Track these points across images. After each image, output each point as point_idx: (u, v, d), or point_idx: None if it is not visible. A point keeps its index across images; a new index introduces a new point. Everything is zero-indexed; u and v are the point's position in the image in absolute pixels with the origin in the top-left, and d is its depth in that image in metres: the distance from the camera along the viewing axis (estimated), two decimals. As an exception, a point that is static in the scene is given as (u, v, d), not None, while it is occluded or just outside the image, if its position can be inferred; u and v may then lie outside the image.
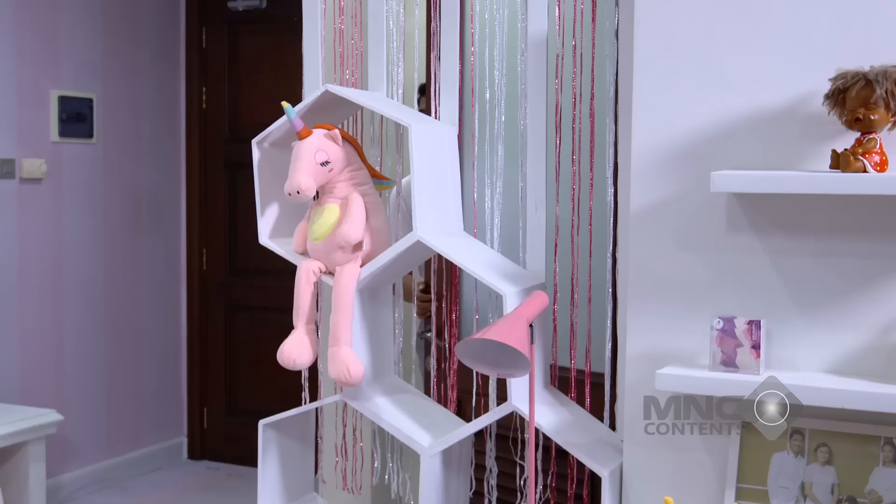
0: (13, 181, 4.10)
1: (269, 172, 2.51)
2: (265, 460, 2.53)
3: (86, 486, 4.43)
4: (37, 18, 4.20)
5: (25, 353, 4.19)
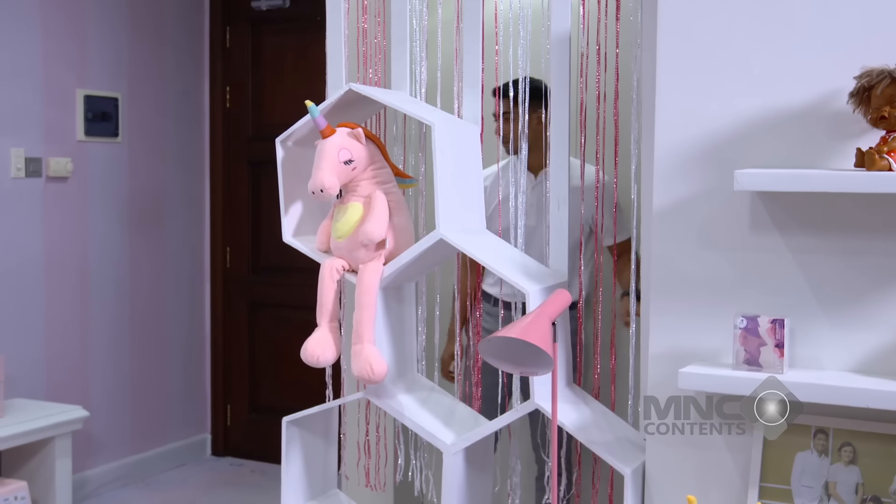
0: (40, 179, 4.15)
1: (292, 171, 2.53)
2: (289, 457, 2.55)
3: (111, 481, 4.46)
4: (63, 19, 4.24)
5: (52, 350, 4.23)
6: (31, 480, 3.75)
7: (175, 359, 4.87)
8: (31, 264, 4.14)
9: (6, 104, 3.99)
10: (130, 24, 4.55)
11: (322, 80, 2.87)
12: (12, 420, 3.70)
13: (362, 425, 2.99)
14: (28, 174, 4.10)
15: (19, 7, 4.04)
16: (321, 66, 2.86)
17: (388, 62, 2.72)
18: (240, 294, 5.04)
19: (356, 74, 2.86)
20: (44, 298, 4.20)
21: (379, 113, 2.82)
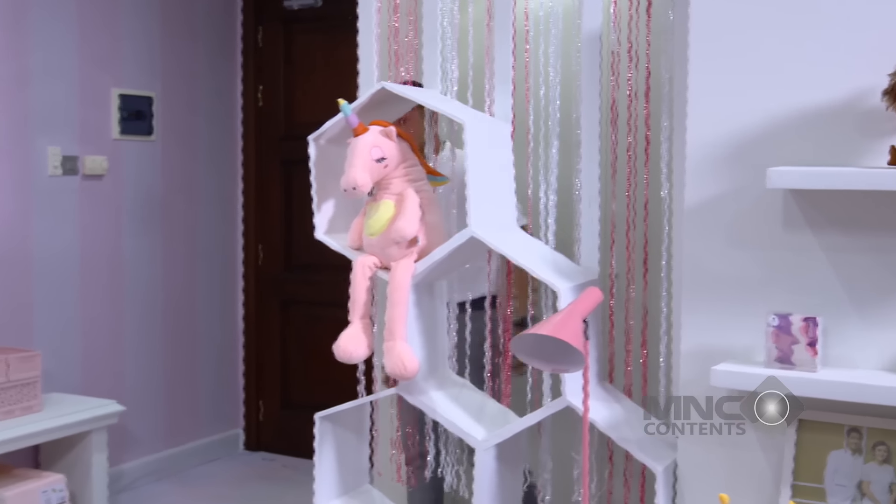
0: (76, 177, 4.20)
1: (325, 169, 2.55)
2: (321, 452, 2.57)
3: (145, 475, 4.52)
4: (98, 20, 4.29)
5: (87, 346, 4.29)
6: (68, 473, 3.80)
7: (208, 355, 4.92)
8: (67, 261, 4.20)
9: (43, 104, 4.05)
10: (164, 25, 4.60)
11: (353, 78, 2.89)
12: (50, 414, 3.75)
13: (394, 421, 3.01)
14: (64, 172, 4.16)
15: (57, 9, 4.10)
16: (352, 65, 2.89)
17: (419, 60, 2.74)
18: (272, 291, 5.08)
19: (387, 73, 2.88)
20: (79, 295, 4.26)
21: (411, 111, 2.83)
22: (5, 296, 3.94)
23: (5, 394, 3.65)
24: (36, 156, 4.04)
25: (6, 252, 3.93)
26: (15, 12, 3.93)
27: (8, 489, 3.49)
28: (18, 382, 3.70)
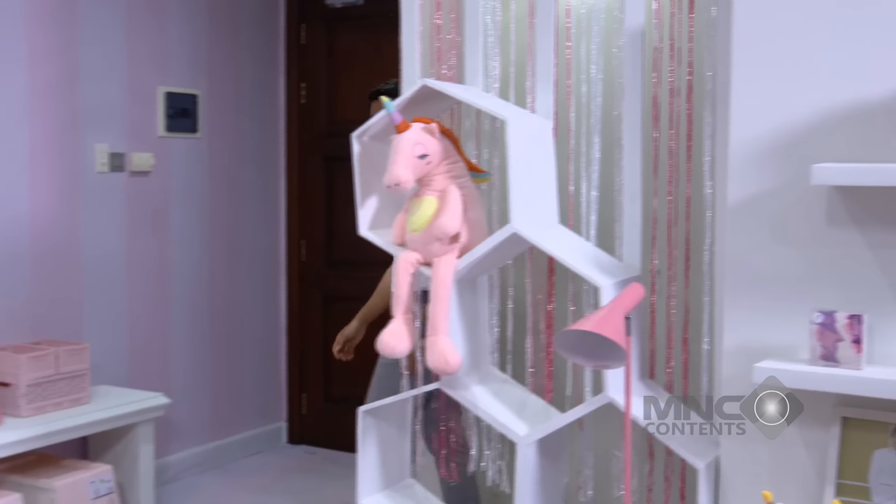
0: (123, 174, 4.27)
1: (368, 165, 2.57)
2: (364, 446, 2.60)
3: (191, 466, 4.59)
4: (146, 19, 4.36)
5: (134, 339, 4.37)
6: (115, 464, 3.87)
7: (251, 349, 4.98)
8: (114, 256, 4.27)
9: (92, 101, 4.12)
10: (209, 24, 4.66)
11: (395, 75, 2.91)
12: (98, 406, 3.83)
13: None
14: (112, 169, 4.23)
15: (105, 9, 4.17)
16: (395, 63, 2.91)
17: (461, 58, 2.75)
18: (315, 287, 5.13)
19: (430, 70, 2.89)
20: (126, 289, 4.33)
21: (453, 108, 2.85)
22: (55, 289, 4.02)
23: (55, 386, 3.72)
24: (84, 153, 4.11)
25: (56, 247, 4.01)
26: (65, 13, 4.00)
27: (58, 479, 3.57)
28: (68, 375, 3.77)
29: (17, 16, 3.82)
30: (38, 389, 3.66)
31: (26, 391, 3.62)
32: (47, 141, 3.96)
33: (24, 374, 3.62)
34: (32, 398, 3.64)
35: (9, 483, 3.60)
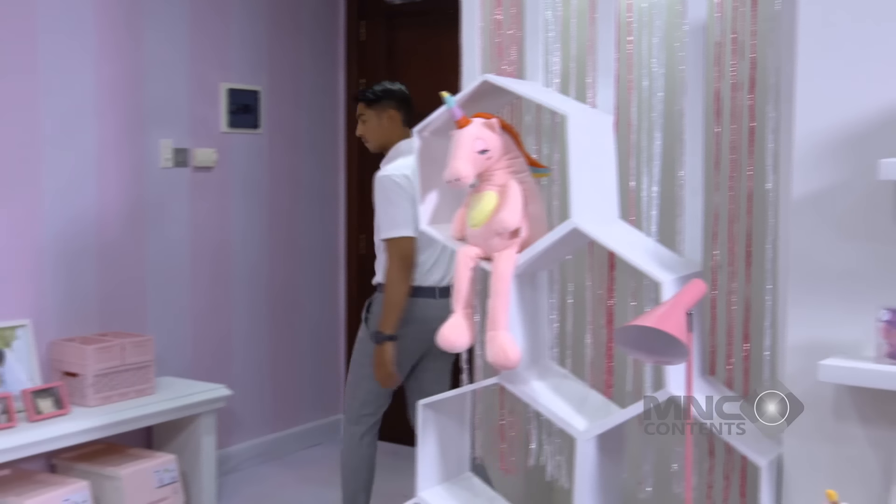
0: (186, 169, 4.35)
1: (429, 160, 2.59)
2: (424, 439, 2.61)
3: (251, 457, 4.66)
4: (208, 18, 4.43)
5: (197, 331, 4.45)
6: (178, 454, 3.95)
7: (311, 342, 5.04)
8: (177, 250, 4.35)
9: (157, 98, 4.20)
10: (270, 21, 4.72)
11: (455, 72, 2.92)
12: (162, 397, 3.90)
13: (496, 410, 3.05)
14: (176, 164, 4.31)
15: (171, 8, 4.25)
16: (453, 59, 2.92)
17: (521, 53, 2.76)
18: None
19: (490, 66, 2.90)
20: (189, 282, 4.41)
21: (513, 103, 2.86)
22: (121, 282, 4.10)
23: (121, 376, 3.81)
24: (149, 148, 4.20)
25: (122, 241, 4.10)
26: (131, 13, 4.08)
27: (123, 468, 3.65)
28: (133, 366, 3.85)
29: (88, 16, 3.91)
30: (105, 380, 3.75)
31: (93, 381, 3.71)
32: (114, 137, 4.05)
33: (92, 364, 3.70)
34: (99, 388, 3.73)
35: (76, 471, 3.69)
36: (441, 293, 3.37)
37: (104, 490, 3.62)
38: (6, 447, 3.30)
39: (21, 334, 3.68)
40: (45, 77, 3.77)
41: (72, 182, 3.89)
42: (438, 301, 3.36)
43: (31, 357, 3.69)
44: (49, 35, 3.77)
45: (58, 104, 3.82)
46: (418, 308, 3.37)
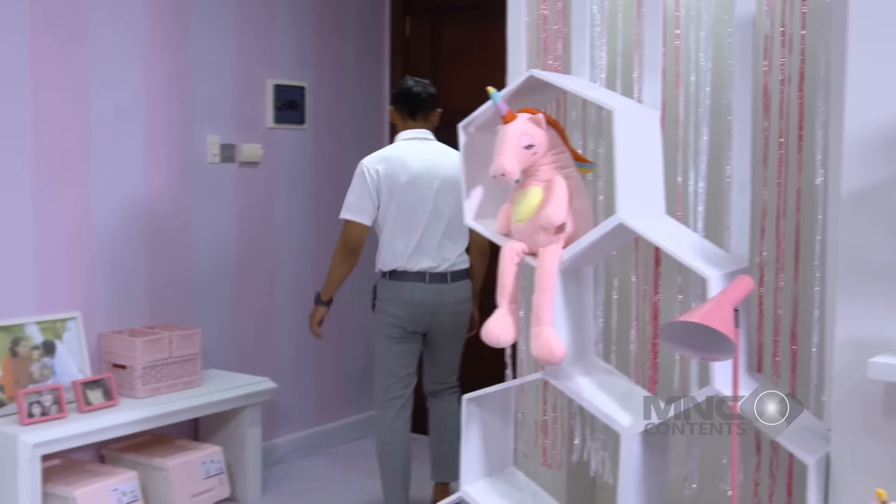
0: (233, 165, 4.40)
1: (474, 156, 2.59)
2: (468, 434, 2.63)
3: (295, 450, 4.70)
4: (255, 15, 4.47)
5: (243, 325, 4.49)
6: (224, 446, 3.99)
7: (354, 336, 5.07)
8: (224, 244, 4.40)
9: (205, 94, 4.25)
10: (315, 17, 4.75)
11: (499, 67, 2.92)
12: (208, 389, 3.95)
13: (539, 405, 3.05)
14: (223, 159, 4.36)
15: (218, 5, 4.29)
16: (498, 54, 2.92)
17: (567, 48, 2.75)
18: (417, 276, 5.17)
19: (536, 61, 2.90)
20: (235, 276, 4.45)
21: (559, 98, 2.85)
22: (169, 276, 4.16)
23: (168, 369, 3.86)
24: (197, 144, 4.25)
25: (170, 235, 4.15)
26: (179, 11, 4.13)
27: (171, 459, 3.70)
28: (180, 358, 3.90)
29: (139, 14, 3.97)
30: (153, 372, 3.80)
31: (142, 373, 3.76)
32: (162, 132, 4.10)
33: (140, 357, 3.76)
34: (147, 380, 3.78)
35: (125, 461, 3.75)
36: (431, 278, 3.57)
37: (152, 480, 3.68)
38: (57, 437, 3.36)
39: (71, 326, 3.75)
40: (97, 74, 3.83)
41: (121, 177, 3.95)
42: (428, 285, 3.57)
43: (82, 349, 3.75)
44: (100, 33, 3.83)
45: (108, 101, 3.88)
46: (407, 290, 3.58)
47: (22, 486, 3.26)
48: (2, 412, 3.45)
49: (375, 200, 3.56)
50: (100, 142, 3.86)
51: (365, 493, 4.23)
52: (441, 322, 3.63)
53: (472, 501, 2.60)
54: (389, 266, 3.62)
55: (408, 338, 3.66)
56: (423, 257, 3.58)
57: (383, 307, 3.66)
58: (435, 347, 3.74)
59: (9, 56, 3.55)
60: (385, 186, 3.55)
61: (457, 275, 3.62)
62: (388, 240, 3.61)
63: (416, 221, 3.56)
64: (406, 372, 3.70)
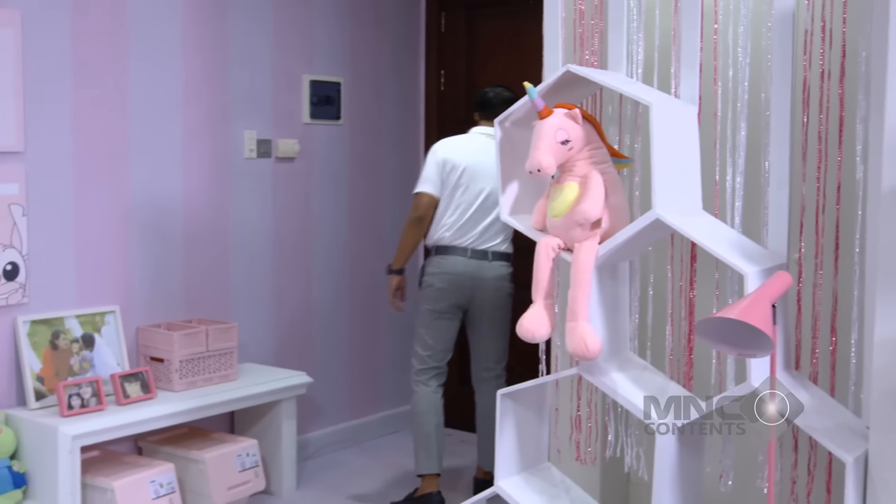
0: (269, 160, 4.42)
1: (509, 151, 2.60)
2: (502, 429, 2.63)
3: (329, 444, 4.73)
4: (291, 11, 4.49)
5: (279, 319, 4.52)
6: (259, 439, 4.02)
7: (390, 331, 5.08)
8: (261, 239, 4.43)
9: (242, 90, 4.28)
10: (351, 13, 4.77)
11: (534, 62, 2.92)
12: (244, 383, 3.98)
13: (574, 401, 3.04)
14: (259, 155, 4.39)
15: (255, 1, 4.32)
16: (533, 49, 2.92)
17: (604, 43, 2.74)
18: (450, 271, 5.17)
19: (572, 56, 2.89)
20: (271, 271, 4.48)
21: (595, 93, 2.84)
22: (207, 270, 4.20)
23: (205, 362, 3.90)
24: (234, 139, 4.28)
25: (207, 229, 4.19)
26: (217, 7, 4.17)
27: (207, 451, 3.74)
28: (217, 352, 3.94)
29: (176, 11, 4.01)
30: (190, 365, 3.84)
31: (179, 367, 3.80)
32: (200, 128, 4.14)
33: (178, 350, 3.80)
34: (184, 374, 3.82)
35: (162, 453, 3.79)
36: (473, 254, 3.83)
37: (188, 472, 3.72)
38: (96, 429, 3.40)
39: (110, 320, 3.79)
40: (135, 70, 3.87)
41: (159, 172, 3.99)
42: (469, 260, 3.83)
43: (120, 342, 3.80)
44: (139, 29, 3.87)
45: (147, 96, 3.92)
46: (450, 263, 3.85)
47: (62, 477, 3.30)
48: (42, 404, 3.50)
49: (440, 177, 3.88)
50: (138, 137, 3.90)
51: (398, 487, 4.24)
52: (481, 297, 3.83)
53: (507, 497, 2.61)
54: (437, 240, 3.92)
55: (448, 313, 3.88)
56: (466, 234, 3.83)
57: (429, 281, 3.91)
58: (478, 327, 3.92)
59: (50, 53, 3.59)
60: (449, 166, 3.86)
61: (497, 255, 3.85)
62: (440, 214, 3.89)
63: (467, 204, 3.83)
64: (441, 347, 3.92)
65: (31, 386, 3.49)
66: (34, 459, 3.37)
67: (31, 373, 3.50)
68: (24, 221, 3.53)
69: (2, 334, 3.50)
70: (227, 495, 3.73)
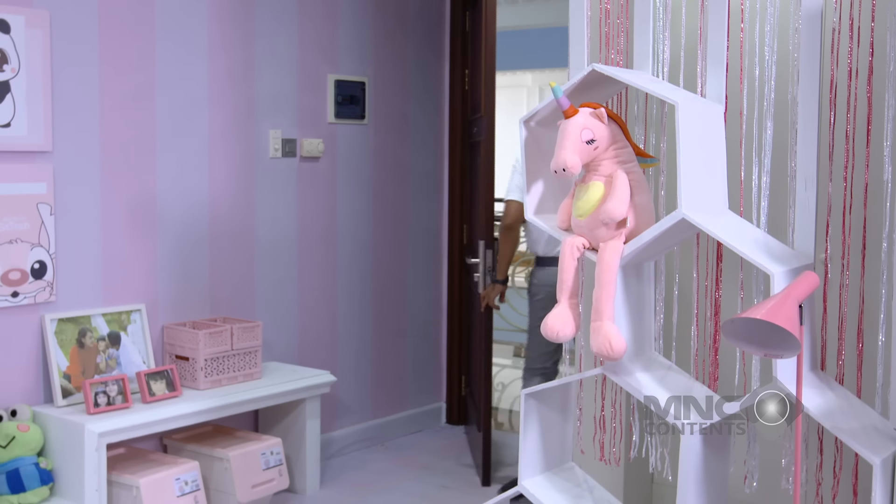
0: (294, 159, 4.44)
1: (534, 150, 2.59)
2: (526, 429, 2.63)
3: (354, 442, 4.74)
4: (316, 11, 4.51)
5: (303, 319, 4.54)
6: (284, 438, 4.04)
7: (414, 331, 5.09)
8: (286, 238, 4.45)
9: (267, 90, 4.30)
10: (376, 13, 4.78)
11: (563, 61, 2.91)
12: (269, 381, 4.00)
13: (598, 401, 3.04)
14: (284, 154, 4.41)
15: (280, 2, 4.34)
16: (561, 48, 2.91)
17: (630, 42, 2.74)
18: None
19: (598, 55, 2.89)
20: (296, 269, 4.50)
21: (620, 93, 2.83)
22: (231, 269, 4.22)
23: (230, 361, 3.92)
24: (259, 139, 4.30)
25: (232, 228, 4.21)
26: (242, 7, 4.19)
27: (231, 449, 3.75)
28: (242, 351, 3.96)
29: (202, 11, 4.03)
30: (215, 364, 3.86)
31: (204, 365, 3.82)
32: (225, 127, 4.16)
33: (203, 349, 3.82)
34: (209, 372, 3.84)
35: (187, 451, 3.82)
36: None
37: (213, 470, 3.74)
38: (122, 427, 3.43)
39: (136, 318, 3.82)
40: (162, 70, 3.89)
41: (185, 171, 4.02)
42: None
43: (146, 340, 3.82)
44: (165, 29, 3.90)
45: (173, 96, 3.94)
46: (546, 275, 4.04)
47: (88, 474, 3.33)
48: (69, 401, 3.53)
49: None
50: (164, 136, 3.93)
51: (422, 486, 4.25)
52: None
53: (531, 496, 2.61)
54: (535, 251, 4.16)
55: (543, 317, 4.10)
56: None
57: (534, 291, 4.17)
58: None
59: (77, 52, 3.63)
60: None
61: None
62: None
63: None
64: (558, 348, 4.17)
65: (58, 383, 3.52)
66: (61, 456, 3.40)
67: (58, 370, 3.53)
68: (52, 220, 3.56)
69: (29, 332, 3.53)
70: (251, 493, 3.75)
